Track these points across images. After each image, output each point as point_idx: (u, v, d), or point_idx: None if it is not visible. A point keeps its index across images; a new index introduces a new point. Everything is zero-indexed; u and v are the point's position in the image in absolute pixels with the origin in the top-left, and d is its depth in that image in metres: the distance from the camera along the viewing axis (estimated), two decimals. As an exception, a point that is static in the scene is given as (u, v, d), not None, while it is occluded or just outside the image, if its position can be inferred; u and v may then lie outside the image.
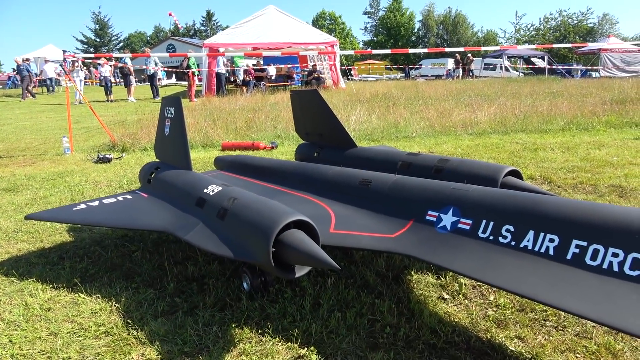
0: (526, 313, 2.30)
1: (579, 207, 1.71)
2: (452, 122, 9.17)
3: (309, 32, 21.73)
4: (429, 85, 21.53)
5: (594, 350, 1.98)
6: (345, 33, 60.27)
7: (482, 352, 2.00)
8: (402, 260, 2.93)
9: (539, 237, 1.67)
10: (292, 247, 1.84)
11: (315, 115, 3.98)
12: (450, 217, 1.99)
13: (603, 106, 10.43)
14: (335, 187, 2.71)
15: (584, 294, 1.45)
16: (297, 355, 2.02)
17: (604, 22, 60.35)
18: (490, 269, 1.71)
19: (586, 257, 1.54)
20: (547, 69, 35.35)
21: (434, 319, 2.24)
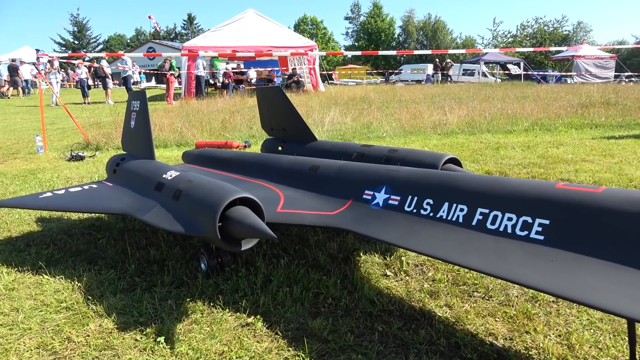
0: (458, 286, 2.51)
1: (484, 180, 1.93)
2: (423, 123, 9.46)
3: (288, 36, 21.97)
4: (407, 90, 21.93)
5: (512, 314, 2.20)
6: (327, 38, 60.73)
7: (413, 318, 2.20)
8: (354, 242, 3.13)
9: (452, 208, 1.89)
10: (237, 221, 2.01)
11: (279, 111, 4.16)
12: (383, 194, 2.20)
13: (567, 109, 10.85)
14: (288, 174, 2.90)
15: (482, 253, 1.66)
16: (244, 323, 2.19)
17: (579, 29, 61.99)
18: (410, 237, 1.91)
19: (487, 223, 1.75)
20: (523, 74, 36.21)
21: (373, 292, 2.43)
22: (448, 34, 59.94)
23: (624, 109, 10.85)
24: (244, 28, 20.33)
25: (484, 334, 2.05)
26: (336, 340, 2.02)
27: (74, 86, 26.83)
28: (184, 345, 2.01)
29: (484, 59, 38.01)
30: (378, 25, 59.36)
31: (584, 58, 37.29)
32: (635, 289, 1.30)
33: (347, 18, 64.88)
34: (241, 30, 20.21)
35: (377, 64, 54.29)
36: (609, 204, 1.53)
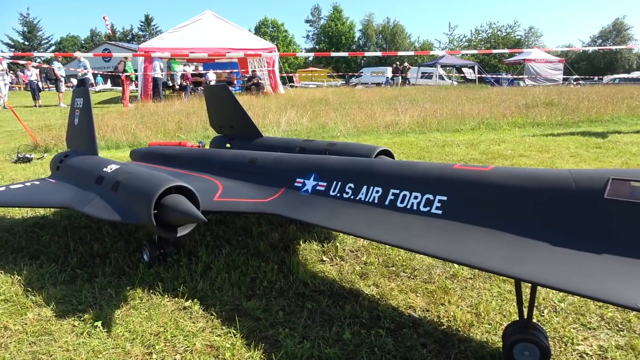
0: (387, 267, 2.70)
1: (396, 165, 2.13)
2: (376, 124, 9.74)
3: (247, 38, 21.96)
4: (365, 92, 22.38)
5: (432, 290, 2.40)
6: (287, 41, 60.85)
7: (341, 296, 2.36)
8: (295, 232, 3.28)
9: (369, 190, 2.07)
10: (171, 208, 2.12)
11: (226, 109, 4.26)
12: (312, 181, 2.36)
13: (513, 109, 11.41)
14: (229, 167, 3.02)
15: (390, 228, 1.84)
16: (182, 307, 2.29)
17: (530, 34, 64.71)
18: (332, 218, 2.08)
19: (397, 202, 1.94)
20: (477, 77, 37.45)
21: (308, 275, 2.58)
22: (406, 38, 61.24)
23: (565, 108, 11.51)
24: (202, 30, 20.20)
25: (404, 307, 2.24)
26: (267, 318, 2.16)
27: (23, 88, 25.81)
28: (121, 328, 2.09)
29: (440, 62, 39.08)
30: (338, 29, 60.02)
31: (534, 62, 38.94)
32: (514, 251, 1.51)
33: (308, 21, 65.30)
34: (199, 31, 20.07)
35: (338, 66, 54.87)
36: (496, 180, 1.74)
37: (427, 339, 1.94)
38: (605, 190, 1.45)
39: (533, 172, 1.71)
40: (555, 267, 1.37)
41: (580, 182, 1.52)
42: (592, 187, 1.48)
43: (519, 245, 1.51)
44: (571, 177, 1.56)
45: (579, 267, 1.35)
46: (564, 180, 1.56)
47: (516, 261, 1.45)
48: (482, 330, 2.00)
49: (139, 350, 1.94)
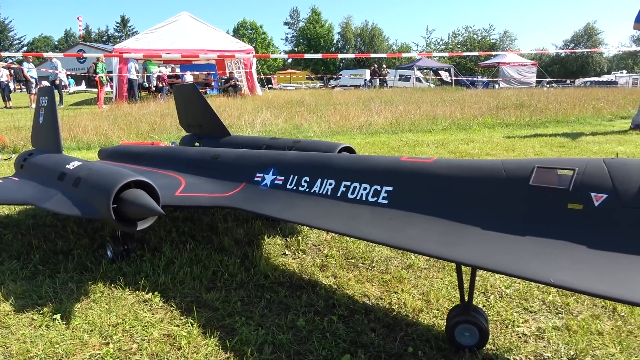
0: (347, 260, 2.78)
1: (349, 158, 2.22)
2: (351, 124, 9.86)
3: (224, 40, 21.90)
4: (342, 94, 22.54)
5: (387, 279, 2.49)
6: (266, 43, 60.84)
7: (300, 287, 2.44)
8: (260, 228, 3.34)
9: (324, 183, 2.15)
10: (130, 202, 2.16)
11: (195, 108, 4.30)
12: (271, 176, 2.43)
13: (484, 111, 11.68)
14: (193, 163, 3.07)
15: (340, 218, 1.92)
16: (142, 300, 2.33)
17: (505, 38, 66.05)
18: (287, 209, 2.15)
19: (348, 193, 2.02)
20: (453, 80, 38.03)
21: (269, 268, 2.65)
22: (384, 41, 61.88)
23: (534, 110, 11.84)
24: (178, 31, 20.07)
25: (359, 296, 2.32)
26: (226, 308, 2.21)
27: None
28: (79, 320, 2.12)
29: (417, 65, 39.55)
30: (317, 31, 60.29)
31: (508, 65, 39.74)
32: (448, 235, 1.60)
33: (287, 23, 65.44)
34: (175, 33, 19.94)
35: (317, 69, 55.08)
36: (437, 171, 1.84)
37: (377, 324, 2.03)
38: (530, 177, 1.56)
39: (469, 163, 1.81)
40: (482, 249, 1.47)
41: (509, 171, 1.63)
42: (520, 175, 1.59)
43: (454, 230, 1.61)
44: (502, 166, 1.67)
45: (504, 247, 1.45)
46: (495, 170, 1.67)
47: (449, 244, 1.54)
48: (430, 316, 2.10)
49: (97, 340, 1.97)
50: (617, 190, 1.36)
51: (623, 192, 1.35)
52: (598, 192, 1.39)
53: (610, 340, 1.86)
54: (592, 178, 1.42)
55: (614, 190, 1.37)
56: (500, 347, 1.83)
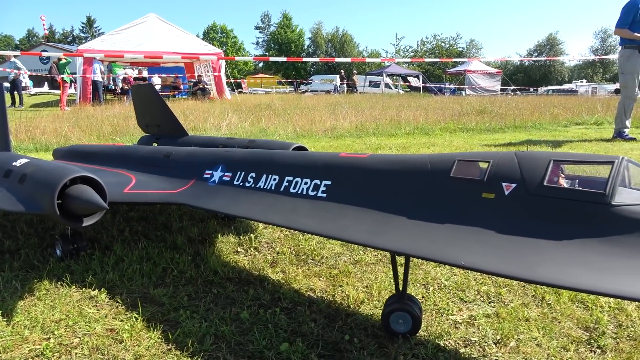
0: (299, 256, 2.84)
1: (293, 155, 2.30)
2: (317, 128, 9.96)
3: (193, 43, 21.73)
4: (312, 99, 22.67)
5: (335, 274, 2.56)
6: (237, 47, 60.58)
7: (248, 282, 2.48)
8: (215, 227, 3.37)
9: (268, 179, 2.21)
10: (75, 197, 2.16)
11: (153, 108, 4.30)
12: (219, 172, 2.47)
13: (446, 116, 12.00)
14: (145, 162, 3.08)
15: (281, 211, 1.99)
16: (88, 297, 2.33)
17: (471, 46, 67.87)
18: (232, 204, 2.20)
19: (290, 188, 2.09)
20: (422, 86, 38.74)
21: (219, 264, 2.68)
22: (355, 47, 62.59)
23: (495, 116, 12.23)
24: (145, 33, 19.81)
25: (306, 290, 2.38)
26: (172, 303, 2.24)
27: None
28: (21, 317, 2.10)
29: (387, 71, 40.14)
30: (288, 36, 60.48)
31: (474, 73, 40.81)
32: (377, 225, 1.69)
33: (258, 28, 65.39)
34: (142, 34, 19.68)
35: (288, 74, 55.18)
36: (370, 165, 1.93)
37: (319, 315, 2.09)
38: (452, 169, 1.66)
39: (400, 157, 1.91)
40: (405, 236, 1.56)
41: (434, 164, 1.73)
42: (442, 167, 1.69)
43: (382, 220, 1.69)
44: (428, 160, 1.77)
45: (424, 235, 1.54)
46: (422, 163, 1.77)
47: (376, 233, 1.63)
48: (370, 307, 2.18)
49: (38, 336, 1.97)
50: (525, 180, 1.47)
51: (529, 181, 1.46)
52: (508, 182, 1.50)
53: (535, 325, 1.98)
54: (504, 169, 1.53)
55: (522, 180, 1.48)
56: (433, 334, 1.93)
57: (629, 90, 7.72)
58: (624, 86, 7.81)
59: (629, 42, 7.54)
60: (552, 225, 1.36)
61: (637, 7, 7.36)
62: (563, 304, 2.16)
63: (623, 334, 1.93)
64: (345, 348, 1.83)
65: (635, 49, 7.48)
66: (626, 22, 7.39)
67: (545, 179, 1.44)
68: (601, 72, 71.46)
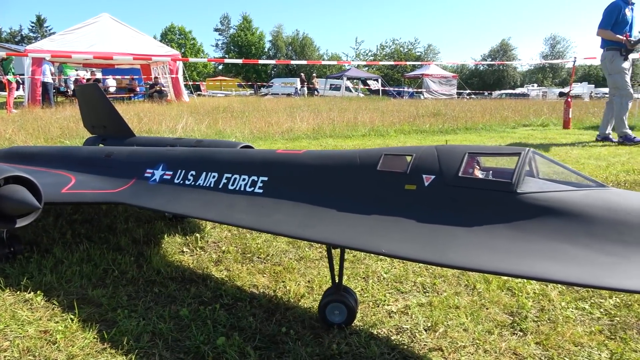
0: (243, 255, 2.86)
1: (232, 152, 2.33)
2: (274, 130, 9.97)
3: (148, 44, 21.27)
4: (272, 101, 22.67)
5: (279, 270, 2.60)
6: (196, 49, 59.67)
7: (191, 280, 2.48)
8: (161, 228, 3.33)
9: (208, 176, 2.23)
10: (6, 198, 2.11)
11: (98, 109, 4.21)
12: (160, 171, 2.47)
13: (402, 118, 12.28)
14: (86, 162, 3.02)
15: (219, 207, 2.01)
16: (23, 299, 2.26)
17: (429, 51, 69.55)
18: (172, 202, 2.21)
19: (229, 184, 2.12)
20: (381, 90, 39.37)
21: (163, 264, 2.66)
22: (315, 50, 62.92)
23: (448, 118, 12.62)
24: (98, 33, 19.23)
25: (249, 286, 2.41)
26: (111, 303, 2.21)
27: None
28: (-53, 322, 2.03)
29: (347, 74, 40.55)
30: (248, 39, 60.13)
31: (431, 77, 41.84)
32: (308, 218, 1.74)
33: (217, 30, 64.67)
34: (95, 35, 19.09)
35: (249, 76, 54.86)
36: (305, 161, 1.99)
37: (259, 310, 2.12)
38: (378, 163, 1.74)
39: (332, 153, 1.98)
40: (333, 228, 1.62)
41: (362, 159, 1.81)
42: (370, 162, 1.77)
43: (314, 213, 1.75)
44: (358, 155, 1.84)
45: (351, 226, 1.61)
46: (352, 158, 1.84)
47: (307, 226, 1.68)
48: (310, 300, 2.23)
49: (-35, 341, 1.90)
50: (442, 172, 1.56)
51: (446, 172, 1.55)
52: (428, 173, 1.59)
53: (464, 312, 2.09)
54: (425, 162, 1.62)
55: (440, 171, 1.57)
56: (367, 323, 2.00)
57: (623, 89, 7.52)
58: (616, 86, 7.60)
59: (611, 43, 7.46)
60: (465, 213, 1.46)
61: (619, 8, 7.37)
62: (492, 292, 2.28)
63: (544, 317, 2.06)
64: (282, 340, 1.87)
65: (618, 51, 7.41)
66: (609, 24, 7.37)
67: (460, 170, 1.53)
68: (551, 77, 74.81)
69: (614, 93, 7.71)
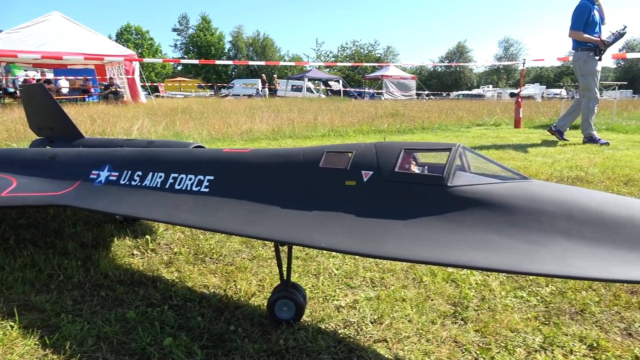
0: (196, 256, 2.84)
1: (180, 152, 2.32)
2: (232, 131, 9.89)
3: (102, 44, 20.67)
4: (232, 102, 22.48)
5: (231, 270, 2.60)
6: (154, 49, 58.28)
7: (140, 283, 2.45)
8: (112, 231, 3.26)
9: (154, 176, 2.21)
10: None
11: (45, 110, 4.07)
12: (106, 172, 2.42)
13: (360, 118, 12.45)
14: (30, 164, 2.92)
15: (164, 207, 2.00)
16: (-42, 309, 2.17)
17: (388, 53, 70.69)
18: (116, 203, 2.17)
19: (175, 184, 2.11)
20: (342, 91, 39.70)
21: (111, 268, 2.61)
22: (276, 51, 62.74)
23: (407, 118, 12.88)
24: (49, 32, 18.54)
25: (199, 287, 2.40)
26: (54, 308, 2.15)
27: None
28: None
29: (308, 75, 40.68)
30: (207, 39, 59.27)
31: (391, 78, 42.55)
32: (253, 215, 1.76)
33: (175, 30, 63.38)
34: (44, 34, 18.39)
35: (209, 77, 54.09)
36: (251, 159, 2.01)
37: (208, 310, 2.12)
38: (321, 160, 1.78)
39: (277, 151, 2.01)
40: (277, 225, 1.65)
41: (306, 157, 1.85)
42: (313, 159, 1.81)
43: (259, 211, 1.77)
44: (301, 153, 1.88)
45: (294, 222, 1.64)
46: (296, 156, 1.88)
47: (251, 223, 1.70)
48: (261, 298, 2.25)
49: None
50: (380, 167, 1.62)
51: (384, 168, 1.61)
52: (367, 169, 1.64)
53: (409, 304, 2.16)
54: (364, 159, 1.68)
55: (377, 167, 1.62)
56: (315, 318, 2.03)
57: (592, 91, 7.55)
58: (587, 88, 7.58)
59: (583, 44, 7.47)
60: (401, 206, 1.52)
61: (589, 9, 7.37)
62: (437, 284, 2.37)
63: (484, 306, 2.16)
64: (229, 338, 1.88)
65: (591, 51, 7.42)
66: (581, 24, 7.36)
67: (396, 165, 1.59)
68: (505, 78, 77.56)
69: (583, 95, 7.75)
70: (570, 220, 1.28)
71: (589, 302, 2.18)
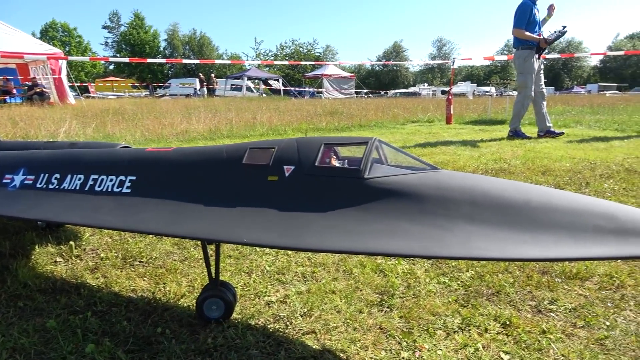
0: (124, 260, 2.75)
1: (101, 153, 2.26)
2: (168, 132, 9.61)
3: (23, 41, 19.37)
4: (168, 103, 21.83)
5: (161, 273, 2.54)
6: (82, 47, 55.29)
7: (63, 290, 2.34)
8: (32, 239, 3.09)
9: (73, 179, 2.12)
10: None
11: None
12: (20, 176, 2.29)
13: (300, 117, 12.51)
14: None
15: (83, 210, 1.93)
16: None
17: (327, 52, 71.41)
18: (32, 208, 2.07)
19: (96, 186, 2.05)
20: (282, 89, 39.65)
21: (31, 277, 2.47)
22: (214, 50, 61.53)
23: (345, 116, 13.11)
24: (-40, 28, 17.11)
25: (127, 291, 2.33)
26: (-35, 323, 2.01)
27: None
28: None
29: (247, 75, 40.27)
30: (141, 37, 57.05)
31: (330, 77, 43.02)
32: (175, 214, 1.74)
33: (106, 27, 60.47)
34: (-45, 30, 16.95)
35: (144, 77, 52.14)
36: (174, 158, 1.99)
37: (135, 314, 2.07)
38: (244, 157, 1.79)
39: (200, 149, 2.00)
40: (200, 223, 1.64)
41: (229, 153, 1.85)
42: (236, 156, 1.82)
43: (183, 210, 1.75)
44: (224, 149, 1.88)
45: (217, 219, 1.64)
46: (219, 153, 1.88)
47: (174, 223, 1.68)
48: (191, 299, 2.22)
49: None
50: (301, 162, 1.66)
51: (304, 163, 1.65)
52: (288, 164, 1.67)
53: (339, 296, 2.22)
54: (286, 154, 1.71)
55: (299, 162, 1.66)
56: (245, 315, 2.04)
57: (528, 89, 7.87)
58: (524, 86, 7.89)
59: (525, 42, 7.76)
60: (321, 199, 1.56)
61: (530, 7, 7.69)
62: (366, 274, 2.45)
63: (409, 293, 2.26)
64: (157, 340, 1.84)
65: (532, 50, 7.71)
66: (523, 23, 7.66)
67: (317, 160, 1.64)
68: (439, 77, 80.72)
69: (520, 91, 8.15)
70: (474, 206, 1.38)
71: (504, 283, 2.34)
